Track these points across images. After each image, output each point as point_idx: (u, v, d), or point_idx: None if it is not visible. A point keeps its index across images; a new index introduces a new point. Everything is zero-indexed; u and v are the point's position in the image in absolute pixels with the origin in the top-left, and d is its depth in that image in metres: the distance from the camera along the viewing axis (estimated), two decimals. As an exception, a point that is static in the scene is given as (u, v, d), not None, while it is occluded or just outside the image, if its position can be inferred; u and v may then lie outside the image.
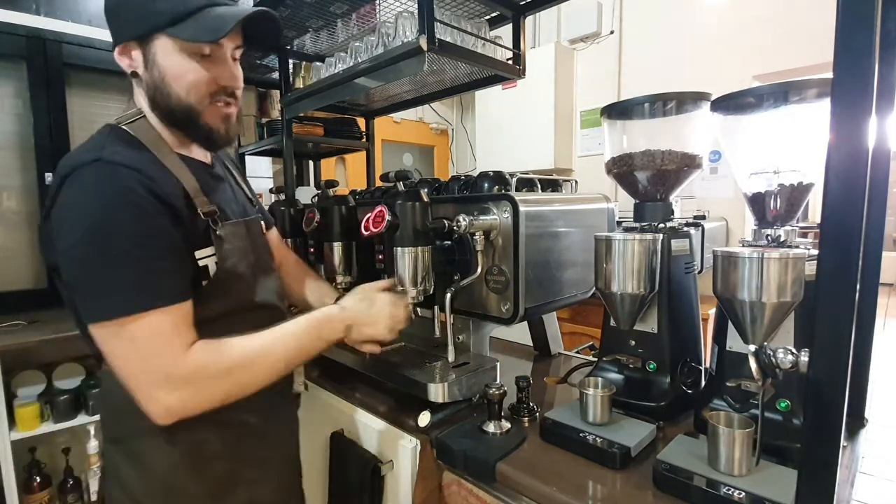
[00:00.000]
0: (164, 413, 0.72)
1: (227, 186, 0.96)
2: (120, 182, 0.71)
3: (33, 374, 1.96)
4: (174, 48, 0.78)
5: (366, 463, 1.04)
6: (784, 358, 0.67)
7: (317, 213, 1.28)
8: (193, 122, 0.82)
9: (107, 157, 0.72)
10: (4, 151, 2.13)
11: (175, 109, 0.81)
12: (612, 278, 0.92)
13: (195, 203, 0.80)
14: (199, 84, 0.80)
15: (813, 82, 0.79)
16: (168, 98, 0.80)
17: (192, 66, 0.79)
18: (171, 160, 0.81)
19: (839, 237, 0.51)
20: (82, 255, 0.70)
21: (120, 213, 0.70)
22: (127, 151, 0.76)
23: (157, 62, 0.79)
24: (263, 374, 0.81)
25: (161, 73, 0.79)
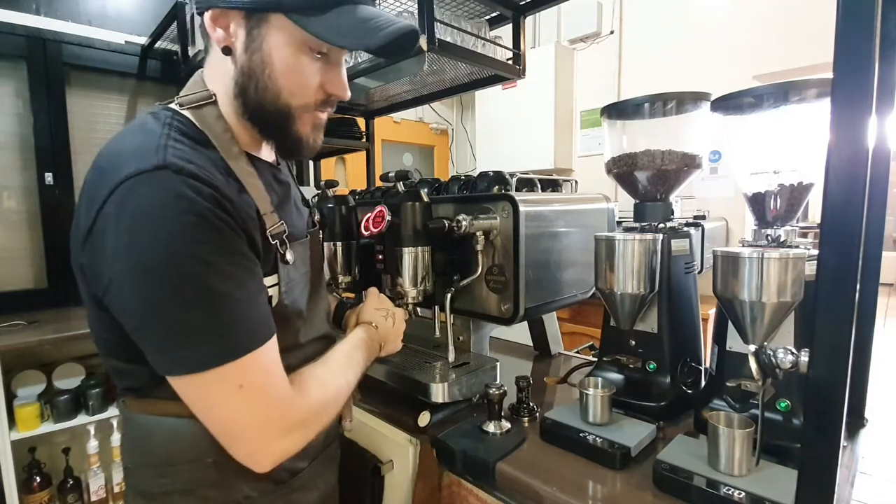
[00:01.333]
0: (273, 462, 0.63)
1: (291, 195, 0.80)
2: (190, 200, 0.56)
3: (33, 374, 1.96)
4: (292, 38, 0.63)
5: (366, 463, 1.04)
6: (784, 358, 0.67)
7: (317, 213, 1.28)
8: (285, 127, 0.68)
9: (174, 165, 0.56)
10: (4, 151, 2.14)
11: (268, 107, 0.66)
12: (612, 278, 0.92)
13: (265, 222, 0.66)
14: (308, 88, 0.67)
15: (813, 82, 0.79)
16: (264, 92, 0.65)
17: (306, 66, 0.65)
18: (240, 165, 0.66)
19: (839, 237, 0.51)
20: (159, 294, 0.55)
21: (198, 237, 0.56)
22: (195, 155, 0.61)
23: (265, 48, 0.63)
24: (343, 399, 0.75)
25: (265, 62, 0.64)
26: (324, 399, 0.69)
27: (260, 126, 0.69)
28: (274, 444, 0.63)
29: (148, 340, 0.59)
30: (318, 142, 0.73)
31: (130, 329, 0.59)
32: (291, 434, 0.64)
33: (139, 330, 0.58)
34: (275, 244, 0.67)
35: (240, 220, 0.60)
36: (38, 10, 2.12)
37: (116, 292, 0.57)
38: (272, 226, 0.67)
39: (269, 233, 0.66)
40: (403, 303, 1.05)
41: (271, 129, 0.69)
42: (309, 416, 0.66)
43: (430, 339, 1.24)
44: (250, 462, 0.62)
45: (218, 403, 0.60)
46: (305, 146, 0.71)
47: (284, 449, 0.64)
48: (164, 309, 0.56)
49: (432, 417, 1.00)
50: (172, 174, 0.56)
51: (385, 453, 1.05)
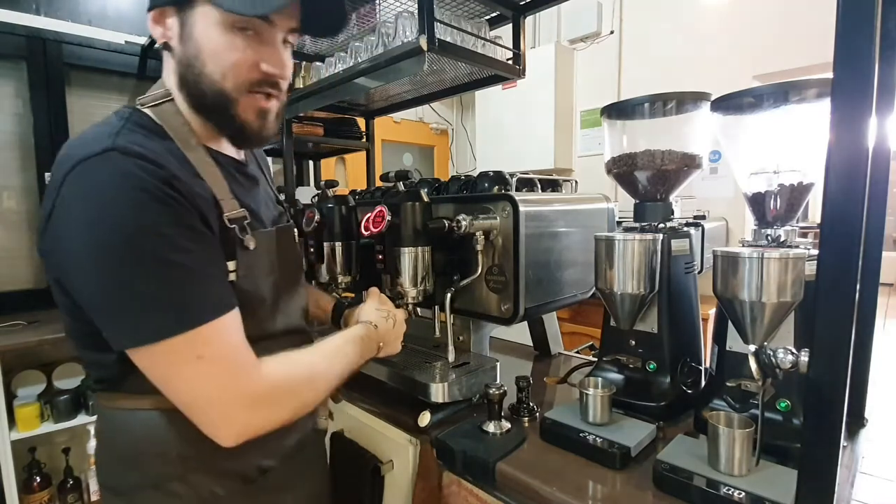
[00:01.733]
0: (237, 434, 0.63)
1: (261, 189, 0.82)
2: (137, 177, 0.58)
3: (33, 374, 1.96)
4: (217, 20, 0.65)
5: (366, 463, 1.04)
6: (784, 358, 0.67)
7: (317, 213, 1.28)
8: (225, 111, 0.69)
9: (122, 147, 0.59)
10: (4, 151, 2.14)
11: (206, 93, 0.68)
12: (612, 278, 0.92)
13: (221, 207, 0.68)
14: (239, 66, 0.67)
15: (813, 82, 0.79)
16: (199, 78, 0.67)
17: (234, 44, 0.66)
18: (197, 154, 0.69)
19: (839, 237, 0.51)
20: (103, 269, 0.57)
21: (144, 213, 0.57)
22: (147, 141, 0.63)
23: (195, 34, 0.66)
24: (324, 389, 0.75)
25: (197, 48, 0.66)
26: (294, 377, 0.69)
27: (207, 115, 0.70)
28: (236, 417, 0.63)
29: (104, 316, 0.60)
30: (266, 130, 0.73)
31: (89, 308, 0.60)
32: (256, 409, 0.64)
33: (95, 306, 0.60)
34: (233, 228, 0.68)
35: (190, 198, 0.62)
36: (38, 10, 2.12)
37: (74, 272, 0.59)
38: (230, 211, 0.68)
39: (227, 217, 0.68)
40: (403, 303, 1.05)
41: (216, 117, 0.70)
42: (274, 391, 0.65)
43: (430, 339, 1.24)
44: (214, 434, 0.63)
45: (177, 374, 0.60)
46: (251, 132, 0.71)
47: (248, 423, 0.64)
48: (118, 281, 0.57)
49: (432, 417, 1.00)
50: (120, 155, 0.58)
51: (385, 453, 1.05)
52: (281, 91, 0.73)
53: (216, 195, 0.68)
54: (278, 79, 0.71)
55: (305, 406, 0.71)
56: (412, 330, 1.10)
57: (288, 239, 0.83)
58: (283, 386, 0.67)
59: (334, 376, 0.76)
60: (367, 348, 0.85)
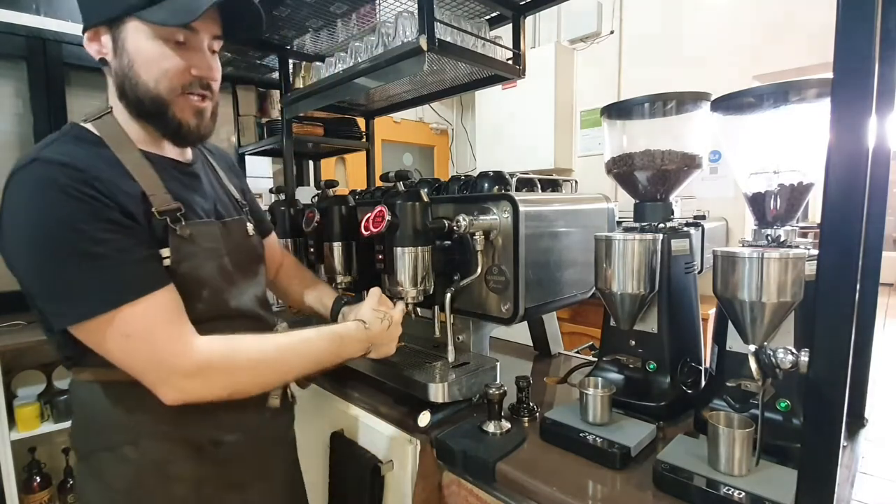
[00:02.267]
0: (174, 399, 0.71)
1: (205, 186, 0.89)
2: (56, 181, 0.66)
3: (33, 374, 1.96)
4: (146, 33, 0.73)
5: (366, 463, 1.04)
6: (784, 358, 0.67)
7: (317, 213, 1.28)
8: (162, 114, 0.77)
9: (44, 157, 0.68)
10: (4, 151, 2.13)
11: (143, 99, 0.75)
12: (612, 278, 0.92)
13: (151, 201, 0.75)
14: (171, 72, 0.75)
15: (813, 82, 0.79)
16: (136, 87, 0.75)
17: (163, 53, 0.74)
18: (130, 158, 0.76)
19: (839, 237, 0.51)
20: (35, 261, 0.67)
21: (62, 211, 0.66)
22: (74, 149, 0.71)
23: (127, 48, 0.73)
24: (273, 377, 0.80)
25: (130, 60, 0.74)
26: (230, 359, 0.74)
27: (146, 119, 0.78)
28: (167, 385, 0.70)
29: (42, 300, 0.70)
30: (203, 128, 0.82)
31: (32, 294, 0.70)
32: (185, 379, 0.71)
33: (34, 292, 0.70)
34: (164, 219, 0.75)
35: (110, 195, 0.69)
36: (38, 10, 2.12)
37: (14, 266, 0.69)
38: (161, 204, 0.76)
39: (156, 210, 0.75)
40: (403, 302, 1.05)
41: (154, 120, 0.78)
42: (203, 368, 0.72)
43: (430, 339, 1.24)
44: (158, 396, 0.71)
45: (112, 349, 0.69)
46: (187, 130, 0.79)
47: (181, 390, 0.71)
48: (45, 271, 0.67)
49: (432, 417, 1.00)
50: (42, 164, 0.68)
51: (385, 453, 1.05)
52: (213, 92, 0.82)
53: (145, 191, 0.75)
54: (208, 80, 0.80)
55: (245, 388, 0.77)
56: (412, 330, 1.10)
57: (237, 230, 0.90)
58: (215, 364, 0.73)
59: (288, 367, 0.81)
60: (347, 346, 0.88)
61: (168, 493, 0.78)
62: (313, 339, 0.84)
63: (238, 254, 0.88)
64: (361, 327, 0.91)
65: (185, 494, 0.79)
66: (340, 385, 1.22)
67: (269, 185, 2.75)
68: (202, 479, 0.81)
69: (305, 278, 1.21)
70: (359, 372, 1.20)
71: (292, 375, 0.83)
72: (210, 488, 0.81)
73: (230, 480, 0.84)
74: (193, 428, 0.79)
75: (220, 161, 1.01)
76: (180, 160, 0.87)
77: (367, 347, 0.92)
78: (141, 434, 0.77)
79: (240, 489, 0.86)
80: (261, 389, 0.80)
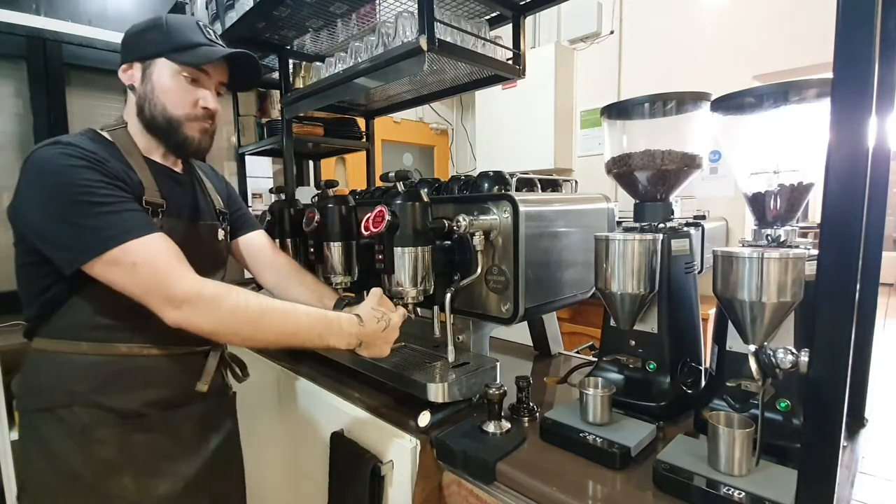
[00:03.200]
0: (172, 321, 0.82)
1: (189, 192, 1.05)
2: (73, 154, 0.82)
3: (33, 374, 1.95)
4: (169, 70, 0.94)
5: (366, 463, 1.04)
6: (784, 358, 0.67)
7: (317, 213, 1.28)
8: (174, 130, 0.96)
9: (64, 140, 0.84)
10: (4, 151, 2.13)
11: (158, 118, 0.95)
12: (612, 278, 0.92)
13: (144, 191, 0.91)
14: (185, 101, 0.95)
15: (813, 82, 0.79)
16: (154, 107, 0.94)
17: (181, 87, 0.95)
18: (136, 160, 0.94)
19: (839, 237, 0.51)
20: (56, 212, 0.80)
21: (78, 173, 0.81)
22: (90, 143, 0.87)
23: (153, 79, 0.94)
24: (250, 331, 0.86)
25: (153, 87, 0.94)
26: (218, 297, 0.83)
27: (155, 133, 0.97)
28: (165, 309, 0.81)
29: (57, 245, 0.82)
30: (203, 144, 1.00)
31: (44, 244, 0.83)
32: (181, 307, 0.81)
33: (48, 241, 0.83)
34: (147, 209, 0.90)
35: (117, 174, 0.86)
36: (38, 10, 2.12)
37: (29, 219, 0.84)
38: (150, 196, 0.92)
39: (145, 199, 0.91)
40: (403, 302, 1.05)
41: (164, 134, 0.97)
42: (195, 294, 0.82)
43: (430, 339, 1.24)
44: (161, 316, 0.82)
45: (121, 277, 0.81)
46: (192, 143, 0.99)
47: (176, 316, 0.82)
48: (66, 218, 0.80)
49: (432, 417, 1.00)
50: (62, 145, 0.84)
51: (385, 453, 1.05)
52: (213, 121, 1.01)
53: (142, 182, 0.92)
54: (212, 112, 0.99)
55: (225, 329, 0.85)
56: (412, 330, 1.10)
57: (207, 232, 1.06)
58: (204, 297, 0.82)
59: (268, 327, 0.87)
60: (332, 333, 0.91)
61: (93, 453, 0.90)
62: (301, 313, 0.90)
63: (201, 254, 0.99)
64: (354, 321, 0.93)
65: (110, 456, 0.90)
66: (340, 385, 1.22)
67: (269, 185, 2.75)
68: (126, 444, 0.92)
69: (305, 280, 1.21)
70: (359, 372, 1.21)
71: (270, 337, 0.88)
72: (133, 453, 0.92)
73: (154, 450, 0.95)
74: (119, 399, 0.91)
75: (211, 177, 1.18)
76: (175, 169, 1.04)
77: (355, 343, 0.93)
78: (73, 400, 0.89)
79: (168, 459, 0.97)
80: (240, 340, 0.88)
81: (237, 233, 1.22)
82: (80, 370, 0.90)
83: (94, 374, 0.90)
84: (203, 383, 1.01)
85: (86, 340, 0.90)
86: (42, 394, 0.91)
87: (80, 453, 0.89)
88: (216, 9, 1.71)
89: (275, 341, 0.89)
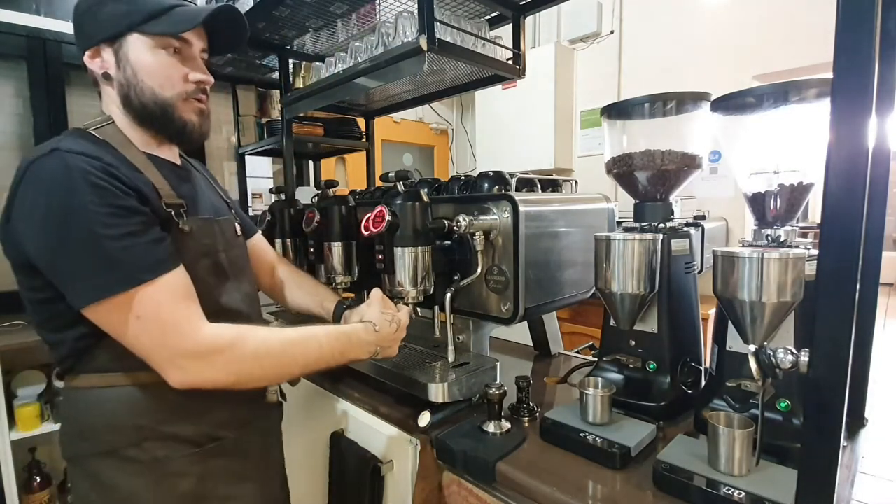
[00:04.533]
0: (181, 382, 0.73)
1: (198, 185, 0.94)
2: (79, 166, 0.70)
3: (33, 374, 1.96)
4: (147, 45, 0.79)
5: (366, 463, 1.04)
6: (784, 358, 0.67)
7: (317, 213, 1.28)
8: (169, 116, 0.83)
9: (64, 147, 0.72)
10: (4, 151, 2.13)
11: (148, 105, 0.81)
12: (612, 278, 0.92)
13: (161, 194, 0.80)
14: (174, 78, 0.82)
15: (813, 82, 0.79)
16: (142, 94, 0.81)
17: (166, 61, 0.81)
18: (137, 158, 0.81)
19: (839, 237, 0.51)
20: (53, 243, 0.69)
21: (82, 195, 0.69)
22: (87, 145, 0.75)
23: (130, 60, 0.80)
24: (276, 371, 0.82)
25: (134, 70, 0.80)
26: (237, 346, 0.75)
27: (149, 123, 0.84)
28: (176, 365, 0.72)
29: (59, 278, 0.72)
30: (204, 127, 0.88)
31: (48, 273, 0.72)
32: (195, 361, 0.73)
33: (51, 270, 0.71)
34: (169, 212, 0.80)
35: (128, 182, 0.74)
36: (38, 10, 2.12)
37: (31, 246, 0.71)
38: (167, 197, 0.80)
39: (164, 202, 0.79)
40: (403, 302, 1.05)
41: (161, 122, 0.83)
42: (209, 352, 0.73)
43: (430, 339, 1.24)
44: (166, 378, 0.73)
45: (123, 330, 0.72)
46: (193, 129, 0.86)
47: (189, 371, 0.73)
48: (63, 250, 0.69)
49: (432, 417, 1.00)
50: (63, 153, 0.71)
51: (385, 453, 1.05)
52: (207, 96, 0.88)
53: (154, 184, 0.80)
54: (205, 84, 0.86)
55: (248, 379, 0.78)
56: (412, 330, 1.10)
57: (229, 229, 0.95)
58: (221, 349, 0.74)
59: (293, 362, 0.82)
60: (353, 347, 0.88)
61: (174, 490, 0.80)
62: (320, 336, 0.85)
63: (231, 251, 0.92)
64: (371, 328, 0.91)
65: (190, 489, 0.81)
66: (340, 385, 1.22)
67: (269, 185, 2.75)
68: (204, 473, 0.83)
69: (304, 284, 1.20)
70: (359, 372, 1.21)
71: (297, 371, 0.84)
72: (213, 482, 0.84)
73: (232, 473, 0.87)
74: (192, 425, 0.81)
75: (203, 169, 1.08)
76: (176, 163, 0.92)
77: (374, 350, 0.92)
78: (142, 435, 0.78)
79: (242, 480, 0.89)
80: (265, 382, 0.83)
81: None
82: (142, 402, 0.78)
83: (158, 404, 0.78)
84: (272, 392, 0.95)
85: (141, 370, 0.76)
86: (99, 436, 0.78)
87: (156, 492, 0.79)
88: (216, 9, 1.71)
89: (300, 373, 0.85)
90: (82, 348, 0.77)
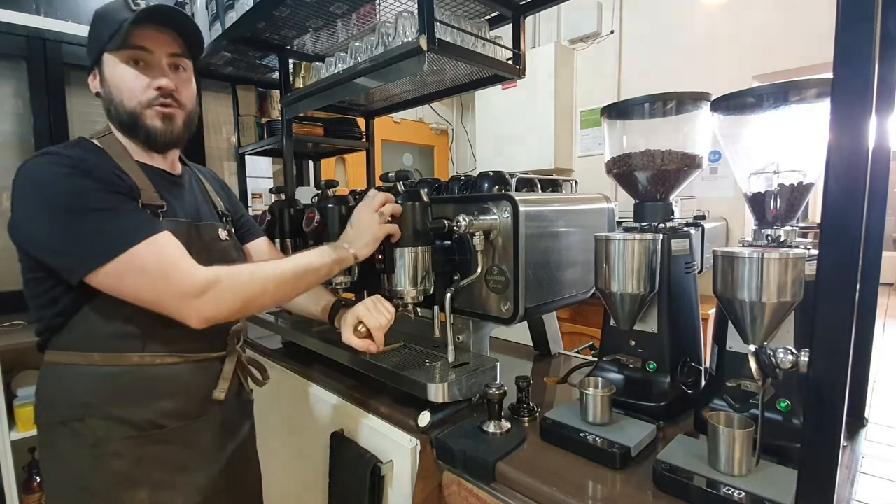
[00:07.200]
0: (196, 321, 0.81)
1: (188, 193, 1.02)
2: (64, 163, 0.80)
3: (33, 374, 1.95)
4: (114, 62, 0.89)
5: (366, 463, 1.04)
6: (784, 358, 0.67)
7: (317, 213, 1.28)
8: (138, 125, 0.91)
9: (53, 150, 0.82)
10: (4, 151, 2.13)
11: (122, 116, 0.90)
12: (611, 278, 0.92)
13: (140, 194, 0.87)
14: (136, 89, 0.89)
15: (813, 82, 0.79)
16: (115, 106, 0.90)
17: (129, 74, 0.89)
18: (128, 164, 0.89)
19: (839, 237, 0.51)
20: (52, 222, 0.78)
21: (71, 180, 0.79)
22: (80, 151, 0.84)
23: (106, 78, 0.90)
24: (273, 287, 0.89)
25: (108, 86, 0.90)
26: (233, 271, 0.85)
27: (129, 133, 0.92)
28: (189, 307, 0.80)
29: (60, 256, 0.80)
30: (173, 132, 0.94)
31: (48, 255, 0.81)
32: (202, 298, 0.81)
33: (51, 251, 0.80)
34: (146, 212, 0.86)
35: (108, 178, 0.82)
36: (38, 10, 2.12)
37: (30, 232, 0.81)
38: (147, 199, 0.88)
39: (142, 202, 0.87)
40: (402, 303, 1.05)
41: (132, 130, 0.92)
42: (212, 281, 0.81)
43: (430, 339, 1.24)
44: (183, 321, 0.81)
45: (130, 286, 0.80)
46: (156, 134, 0.92)
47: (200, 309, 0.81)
48: (62, 226, 0.78)
49: (432, 417, 1.00)
50: (52, 155, 0.82)
51: (385, 453, 1.05)
52: (180, 102, 0.94)
53: (137, 185, 0.88)
54: (170, 91, 0.91)
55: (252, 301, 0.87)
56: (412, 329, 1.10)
57: (208, 233, 1.00)
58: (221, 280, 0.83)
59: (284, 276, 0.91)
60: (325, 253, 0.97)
61: (107, 466, 0.87)
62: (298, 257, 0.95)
63: (207, 253, 0.95)
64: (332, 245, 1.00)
65: (125, 469, 0.88)
66: (340, 385, 1.22)
67: (269, 185, 2.75)
68: (142, 457, 0.89)
69: None
70: (359, 372, 1.21)
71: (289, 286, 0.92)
72: (150, 467, 0.90)
73: (170, 461, 0.92)
74: (134, 410, 0.88)
75: (210, 180, 1.14)
76: (170, 171, 1.00)
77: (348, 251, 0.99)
78: (88, 412, 0.86)
79: (181, 470, 0.93)
80: (269, 299, 0.90)
81: (244, 239, 1.18)
82: (93, 382, 0.86)
83: (107, 385, 0.86)
84: (220, 391, 0.97)
85: (97, 351, 0.86)
86: (57, 407, 0.88)
87: (95, 466, 0.87)
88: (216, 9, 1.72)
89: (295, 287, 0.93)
90: (54, 326, 0.87)
